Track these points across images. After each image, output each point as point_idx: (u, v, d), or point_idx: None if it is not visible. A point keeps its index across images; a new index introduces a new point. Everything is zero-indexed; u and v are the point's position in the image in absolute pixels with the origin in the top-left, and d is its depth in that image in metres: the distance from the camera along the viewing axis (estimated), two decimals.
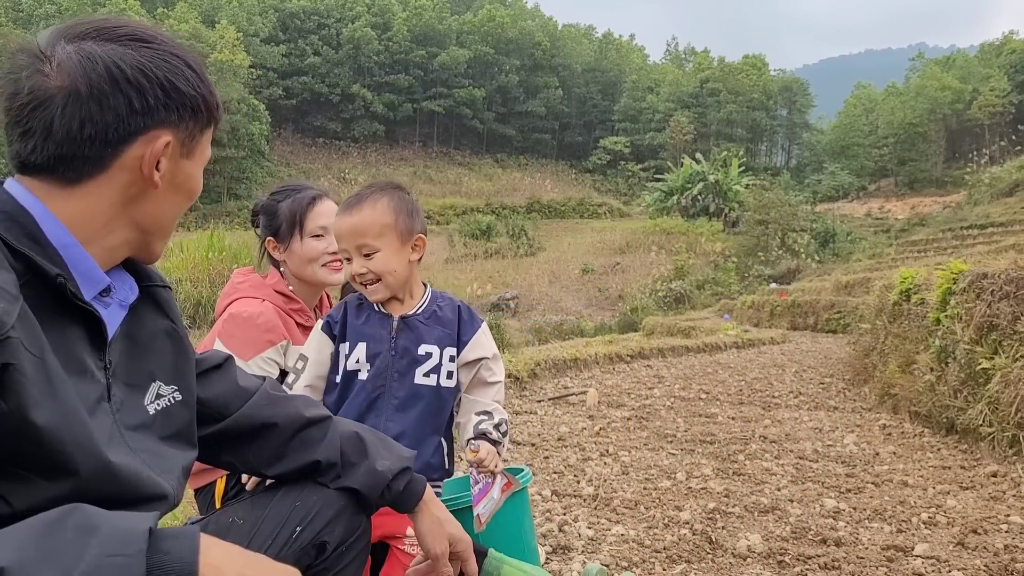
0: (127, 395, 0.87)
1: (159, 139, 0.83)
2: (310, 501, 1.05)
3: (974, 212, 25.70)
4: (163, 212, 0.89)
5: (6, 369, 0.68)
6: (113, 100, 0.79)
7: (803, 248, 29.70)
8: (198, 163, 0.91)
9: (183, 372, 0.96)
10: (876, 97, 66.02)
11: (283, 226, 1.82)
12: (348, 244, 1.48)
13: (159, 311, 0.95)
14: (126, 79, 0.80)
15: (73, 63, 0.79)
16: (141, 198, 0.85)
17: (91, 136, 0.79)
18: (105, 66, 0.79)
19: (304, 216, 1.81)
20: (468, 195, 56.06)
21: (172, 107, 0.84)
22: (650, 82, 71.54)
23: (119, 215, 0.85)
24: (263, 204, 1.89)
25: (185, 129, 0.86)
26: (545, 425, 4.30)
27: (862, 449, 3.64)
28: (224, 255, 12.89)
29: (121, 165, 0.82)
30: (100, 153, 0.80)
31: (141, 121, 0.82)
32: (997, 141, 52.38)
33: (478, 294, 27.41)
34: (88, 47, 0.80)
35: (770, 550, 2.18)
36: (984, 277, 3.56)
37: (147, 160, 0.83)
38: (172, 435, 0.92)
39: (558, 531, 2.36)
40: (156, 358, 0.92)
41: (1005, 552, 2.14)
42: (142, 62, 0.81)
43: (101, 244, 0.84)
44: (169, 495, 0.88)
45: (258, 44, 58.18)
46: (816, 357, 8.47)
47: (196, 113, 0.87)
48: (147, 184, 0.84)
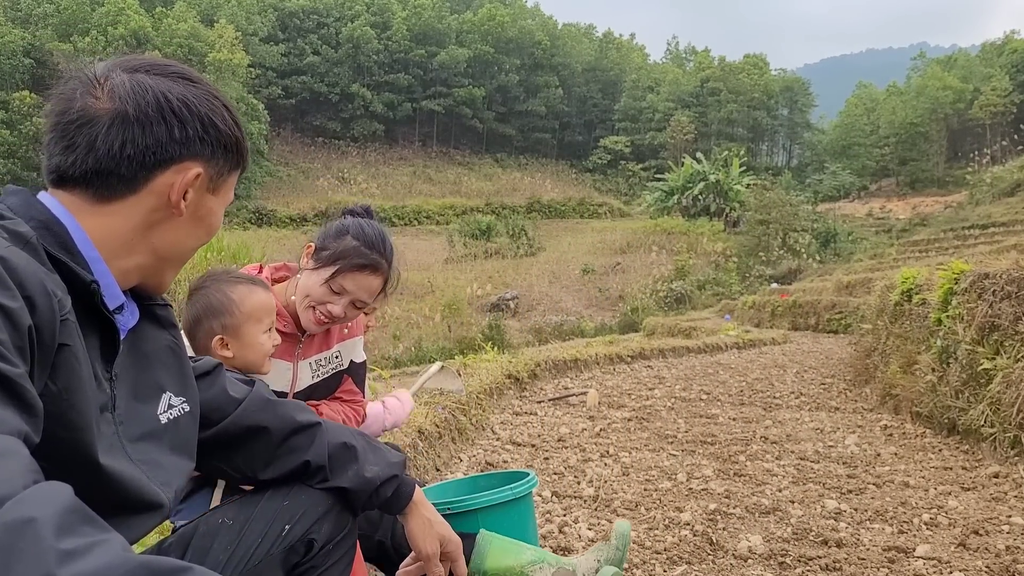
0: (133, 407, 0.90)
1: (191, 170, 0.89)
2: (298, 500, 1.07)
3: (975, 212, 25.66)
4: (181, 242, 0.93)
5: (61, 350, 0.72)
6: (156, 127, 0.85)
7: (804, 248, 29.68)
8: (221, 201, 0.96)
9: (188, 384, 1.00)
10: (877, 97, 65.93)
11: (329, 255, 1.69)
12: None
13: (161, 327, 0.98)
14: (171, 109, 0.86)
15: (125, 89, 0.85)
16: (163, 225, 0.90)
17: (130, 156, 0.84)
18: (154, 95, 0.86)
19: (345, 273, 1.69)
20: (468, 195, 56.03)
21: (208, 142, 0.90)
22: (650, 81, 71.44)
23: (140, 239, 0.89)
24: (346, 225, 1.74)
25: (216, 165, 0.92)
26: (545, 426, 4.29)
27: (863, 450, 3.63)
28: (223, 255, 12.92)
29: (151, 190, 0.87)
30: (135, 174, 0.85)
31: (178, 150, 0.87)
32: (999, 141, 52.28)
33: (478, 294, 27.39)
34: (140, 77, 0.87)
35: (771, 551, 2.17)
36: (986, 277, 3.55)
37: (177, 188, 0.88)
38: (179, 445, 0.96)
39: (558, 532, 2.36)
40: (164, 370, 0.96)
41: (1007, 553, 2.13)
42: (187, 96, 0.88)
43: (119, 264, 0.88)
44: (165, 505, 0.90)
45: (257, 43, 58.12)
46: (817, 357, 8.46)
47: (228, 152, 0.93)
48: (172, 211, 0.89)
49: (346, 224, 1.73)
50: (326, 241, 1.71)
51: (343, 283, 1.67)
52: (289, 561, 1.05)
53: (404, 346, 19.17)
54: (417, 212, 51.15)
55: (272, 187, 51.82)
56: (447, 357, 13.31)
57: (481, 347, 7.23)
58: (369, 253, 1.69)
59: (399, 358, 17.59)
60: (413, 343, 19.47)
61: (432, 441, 3.13)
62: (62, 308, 0.73)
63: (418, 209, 51.46)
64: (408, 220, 49.36)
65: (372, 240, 1.70)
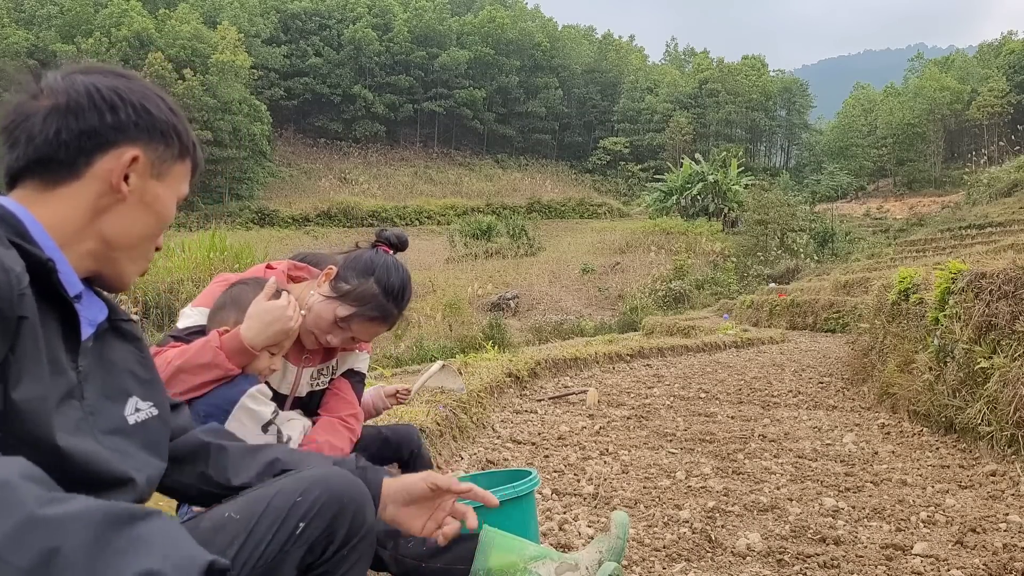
0: (103, 404, 0.92)
1: (127, 152, 0.93)
2: (312, 496, 1.02)
3: (972, 212, 25.66)
4: (130, 227, 0.95)
5: (21, 323, 0.75)
6: (88, 114, 0.90)
7: (802, 248, 29.70)
8: (170, 189, 0.99)
9: (156, 390, 1.02)
10: (875, 98, 65.95)
11: (347, 292, 1.61)
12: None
13: (126, 341, 1.01)
14: (101, 97, 0.91)
15: (58, 85, 0.91)
16: (111, 211, 0.93)
17: (66, 142, 0.89)
18: (84, 86, 0.91)
19: (358, 319, 1.63)
20: (469, 195, 56.04)
21: (143, 127, 0.94)
22: (649, 83, 71.45)
23: (89, 224, 0.92)
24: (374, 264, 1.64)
25: (155, 151, 0.95)
26: (545, 424, 4.31)
27: (861, 448, 3.65)
28: (226, 255, 12.94)
29: (93, 175, 0.91)
30: (74, 159, 0.90)
31: (113, 135, 0.92)
32: (996, 141, 52.36)
33: (479, 294, 27.40)
34: (74, 76, 0.93)
35: (769, 549, 2.19)
36: (982, 277, 3.57)
37: (116, 172, 0.92)
38: (149, 444, 0.98)
39: (558, 529, 2.37)
40: (129, 380, 0.98)
41: (1004, 551, 2.15)
42: (118, 86, 0.93)
43: (73, 250, 0.91)
44: (136, 482, 0.91)
45: (259, 45, 58.17)
46: (815, 356, 8.48)
47: (167, 138, 0.96)
48: (116, 196, 0.93)
49: (375, 263, 1.65)
50: (348, 273, 1.63)
51: (352, 326, 1.63)
52: (303, 563, 1.00)
53: (405, 345, 19.16)
54: (418, 212, 51.20)
55: (274, 187, 51.85)
56: (448, 356, 13.33)
57: (482, 346, 7.25)
58: (386, 304, 1.63)
59: (400, 356, 17.59)
60: (414, 342, 19.46)
61: (433, 439, 3.14)
62: (19, 282, 0.75)
63: (419, 209, 51.49)
64: (409, 220, 49.40)
65: (394, 291, 1.64)
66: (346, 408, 1.77)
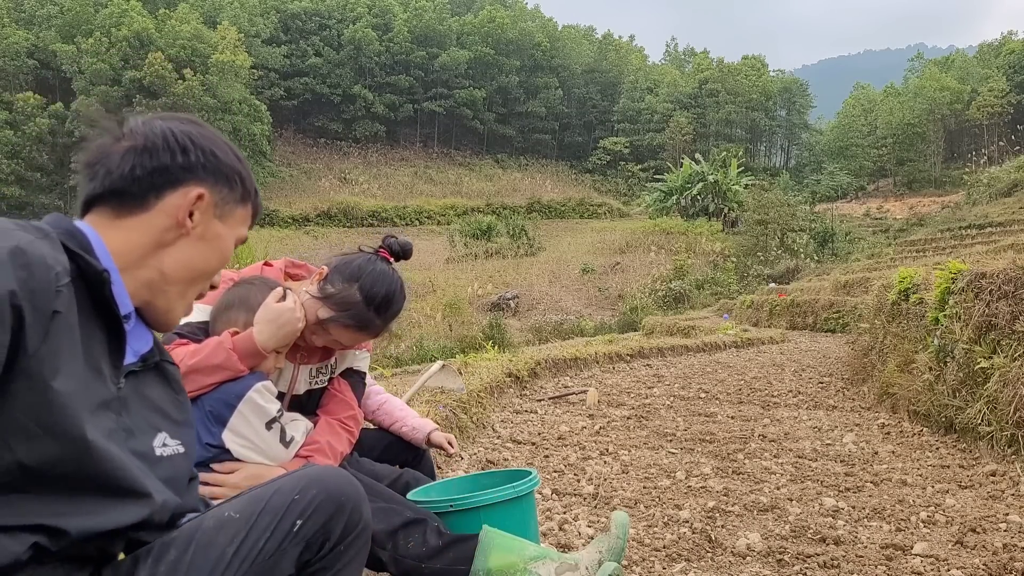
0: (137, 428, 0.97)
1: (194, 191, 1.01)
2: (309, 495, 1.05)
3: (972, 212, 25.68)
4: (188, 261, 1.03)
5: (55, 316, 0.80)
6: (162, 153, 1.00)
7: (802, 248, 29.71)
8: (230, 230, 1.07)
9: (185, 434, 1.07)
10: (875, 98, 65.95)
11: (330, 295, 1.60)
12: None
13: (167, 383, 1.07)
14: (175, 139, 1.01)
15: (138, 129, 1.02)
16: (173, 245, 1.01)
17: (139, 177, 0.98)
18: (160, 129, 1.01)
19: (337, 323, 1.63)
20: (469, 195, 56.04)
21: (210, 169, 1.03)
22: (649, 83, 71.43)
23: (151, 254, 1.00)
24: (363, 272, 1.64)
25: (219, 192, 1.04)
26: (545, 424, 4.31)
27: (861, 448, 3.65)
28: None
29: (161, 209, 1.00)
30: (145, 193, 0.99)
31: (182, 174, 1.01)
32: (996, 141, 52.38)
33: (479, 294, 27.41)
34: (152, 121, 1.03)
35: (769, 549, 2.19)
36: (982, 277, 3.57)
37: (183, 207, 1.01)
38: (170, 480, 1.02)
39: (558, 529, 2.37)
40: (161, 419, 1.03)
41: (1004, 551, 2.15)
42: (190, 132, 1.03)
43: (131, 276, 0.99)
44: (152, 498, 0.94)
45: (259, 45, 58.13)
46: (815, 356, 8.48)
47: (231, 182, 1.05)
48: (181, 232, 1.01)
49: (363, 270, 1.63)
50: (336, 276, 1.63)
51: (331, 329, 1.62)
52: (302, 559, 1.03)
53: (405, 345, 19.17)
54: (418, 212, 51.21)
55: (274, 187, 51.83)
56: (448, 356, 13.32)
57: (482, 346, 7.25)
58: (366, 313, 1.61)
59: (400, 356, 17.60)
60: (414, 342, 19.47)
61: None
62: (58, 279, 0.80)
63: (419, 209, 51.51)
64: (409, 220, 49.42)
65: (376, 300, 1.61)
66: (345, 410, 1.77)
